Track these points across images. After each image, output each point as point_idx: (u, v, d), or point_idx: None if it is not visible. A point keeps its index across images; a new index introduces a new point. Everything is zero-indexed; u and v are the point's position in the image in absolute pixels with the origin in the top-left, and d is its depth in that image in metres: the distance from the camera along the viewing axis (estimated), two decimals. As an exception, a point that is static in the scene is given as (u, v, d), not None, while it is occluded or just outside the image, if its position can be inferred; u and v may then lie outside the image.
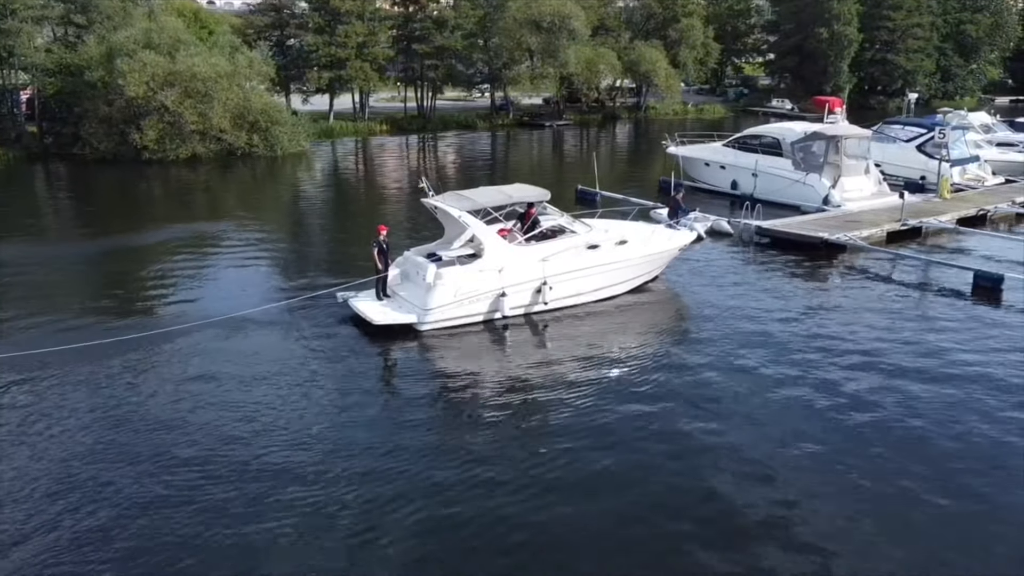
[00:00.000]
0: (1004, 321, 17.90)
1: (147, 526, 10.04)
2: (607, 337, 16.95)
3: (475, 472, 11.30)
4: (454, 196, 18.74)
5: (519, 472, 11.27)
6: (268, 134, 44.12)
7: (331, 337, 16.72)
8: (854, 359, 15.37)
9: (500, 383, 14.77)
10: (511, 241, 17.96)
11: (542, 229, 18.58)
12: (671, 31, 69.23)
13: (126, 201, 33.85)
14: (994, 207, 28.26)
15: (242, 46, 47.36)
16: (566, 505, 10.51)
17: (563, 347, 16.59)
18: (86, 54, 41.93)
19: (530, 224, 18.66)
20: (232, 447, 12.03)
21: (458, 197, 18.60)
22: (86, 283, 21.77)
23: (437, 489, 10.84)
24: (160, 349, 15.91)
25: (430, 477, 11.17)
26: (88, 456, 11.78)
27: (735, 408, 13.26)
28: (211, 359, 15.49)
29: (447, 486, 10.91)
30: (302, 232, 28.93)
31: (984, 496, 10.75)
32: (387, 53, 56.18)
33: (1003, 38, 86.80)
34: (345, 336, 16.81)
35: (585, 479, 11.14)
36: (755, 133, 32.30)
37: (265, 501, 10.56)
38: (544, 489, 10.85)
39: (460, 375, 15.33)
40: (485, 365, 15.83)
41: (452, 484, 10.97)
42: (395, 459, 11.65)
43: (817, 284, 21.32)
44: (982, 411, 13.14)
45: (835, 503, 10.54)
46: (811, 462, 11.59)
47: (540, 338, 17.25)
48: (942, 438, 12.26)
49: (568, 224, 18.99)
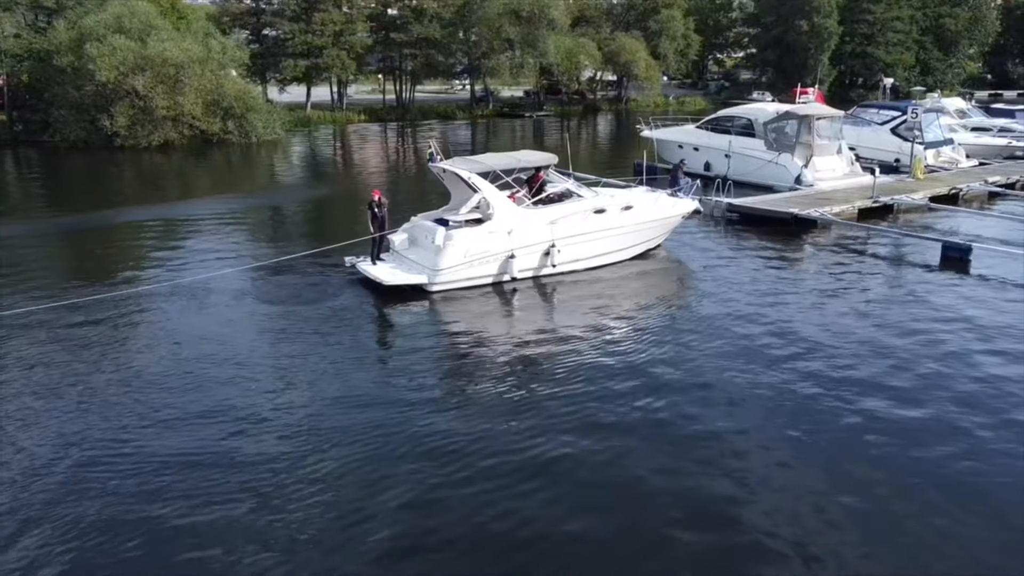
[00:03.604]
0: (972, 291, 17.78)
1: (143, 489, 9.48)
2: (613, 301, 16.87)
3: (478, 432, 10.84)
4: (463, 160, 18.99)
5: (521, 436, 10.78)
6: (243, 121, 43.71)
7: (339, 298, 16.72)
8: (825, 330, 15.07)
9: (508, 344, 14.46)
10: (519, 204, 18.07)
11: (549, 193, 18.73)
12: (651, 22, 69.29)
13: (97, 185, 33.38)
14: (966, 186, 28.26)
15: (216, 32, 46.82)
16: (567, 467, 10.05)
17: (571, 310, 16.60)
18: (55, 39, 41.38)
19: (538, 188, 18.84)
20: (235, 404, 11.63)
21: (467, 160, 18.84)
22: (65, 255, 21.67)
23: (436, 450, 10.39)
24: (153, 308, 15.93)
25: (432, 435, 10.74)
26: (80, 411, 11.42)
27: (717, 378, 12.82)
28: (214, 318, 15.35)
29: (446, 445, 10.48)
30: (287, 204, 29.15)
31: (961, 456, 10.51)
32: (364, 42, 55.83)
33: (982, 32, 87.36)
34: (355, 297, 16.80)
35: (588, 442, 10.65)
36: (729, 114, 32.16)
37: (259, 461, 10.02)
38: (544, 452, 10.36)
39: (469, 335, 15.03)
40: (493, 326, 15.63)
41: (452, 445, 10.52)
42: (399, 415, 11.30)
43: (787, 257, 21.14)
44: (946, 377, 12.91)
45: (796, 473, 10.26)
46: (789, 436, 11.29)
47: (548, 301, 17.24)
48: (905, 404, 12.02)
49: (575, 188, 19.20)
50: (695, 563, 8.30)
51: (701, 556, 8.39)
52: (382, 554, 8.35)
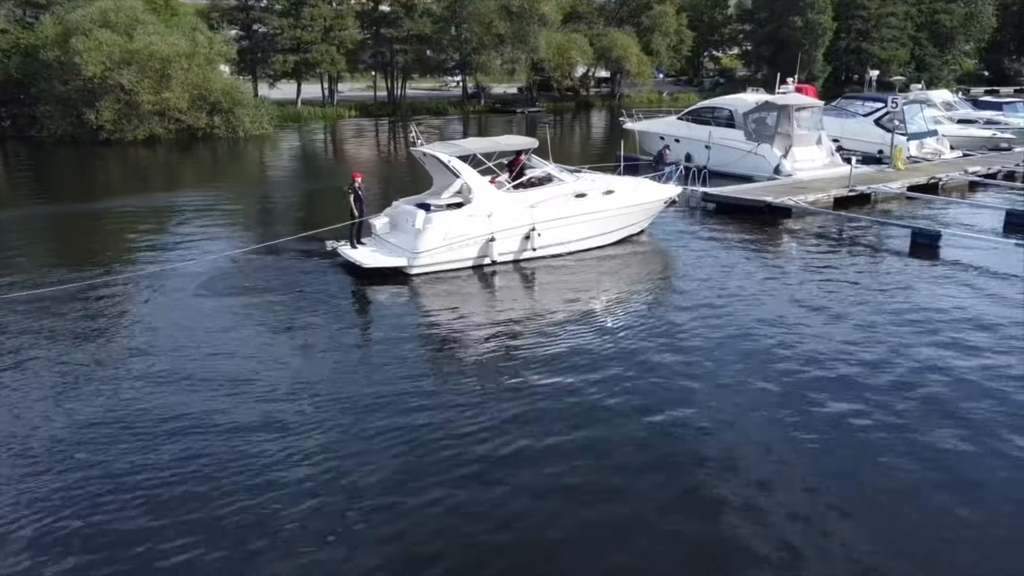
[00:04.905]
0: (940, 277, 17.69)
1: (130, 469, 9.33)
2: (592, 285, 16.86)
3: (454, 414, 10.70)
4: (443, 144, 19.12)
5: (500, 418, 10.60)
6: (230, 116, 43.72)
7: (320, 282, 16.75)
8: (795, 311, 15.03)
9: (486, 326, 14.39)
10: (500, 188, 18.09)
11: (530, 176, 18.71)
12: (644, 18, 69.19)
13: (83, 177, 33.59)
14: (947, 176, 28.14)
15: (203, 27, 46.80)
16: (542, 449, 9.87)
17: (549, 293, 16.52)
18: (42, 33, 41.40)
19: (518, 171, 18.85)
20: (214, 387, 11.51)
21: (447, 144, 18.97)
22: (44, 242, 21.77)
23: (409, 430, 10.24)
24: (132, 294, 16.02)
25: (409, 418, 10.58)
26: (68, 391, 11.44)
27: (695, 360, 12.69)
28: (192, 304, 15.30)
29: (426, 428, 10.33)
30: (273, 193, 29.47)
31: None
32: (354, 37, 55.83)
33: (978, 29, 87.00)
34: (334, 281, 16.83)
35: (563, 425, 10.47)
36: (709, 105, 32.10)
37: (238, 447, 9.80)
38: (522, 435, 10.17)
39: (446, 318, 15.00)
40: (471, 309, 15.51)
41: (430, 425, 10.40)
42: (376, 398, 11.14)
43: (760, 244, 21.00)
44: (915, 356, 12.84)
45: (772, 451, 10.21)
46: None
47: (528, 284, 17.23)
48: (869, 377, 11.98)
49: (556, 172, 19.17)
50: (681, 553, 8.04)
51: (684, 545, 8.14)
52: (355, 543, 8.05)
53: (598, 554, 7.91)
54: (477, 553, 7.95)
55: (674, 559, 7.91)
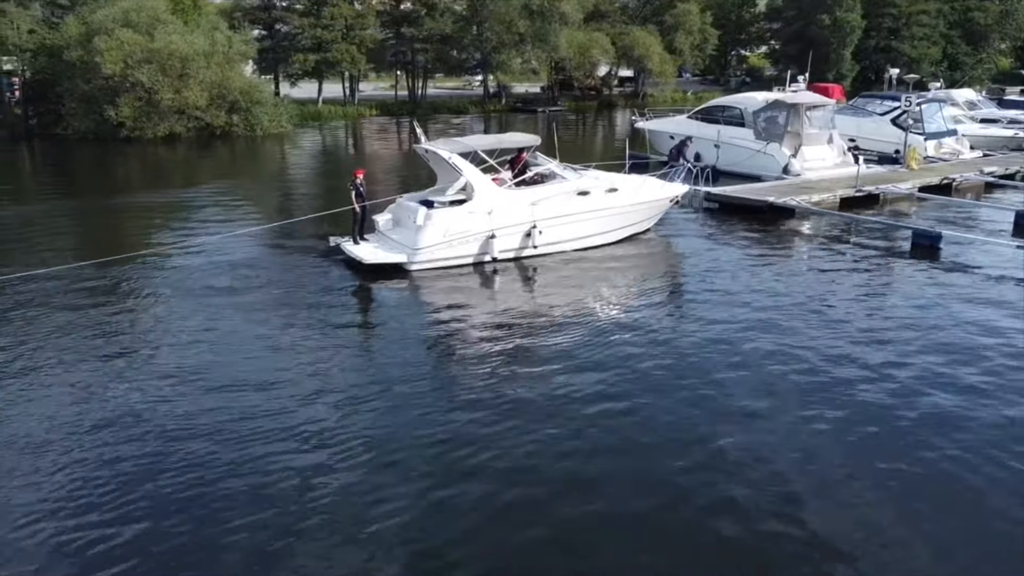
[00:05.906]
0: (939, 278, 17.33)
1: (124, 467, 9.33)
2: (592, 284, 16.76)
3: (454, 414, 10.68)
4: (446, 141, 19.15)
5: (499, 417, 10.56)
6: (248, 114, 44.17)
7: (319, 277, 16.90)
8: (793, 311, 14.79)
9: (486, 324, 14.42)
10: (501, 185, 18.08)
11: (532, 174, 18.66)
12: (667, 16, 68.65)
13: (104, 174, 34.25)
14: (961, 176, 27.52)
15: (223, 26, 47.30)
16: (542, 443, 9.89)
17: (549, 291, 16.43)
18: (66, 33, 42.18)
19: (520, 168, 18.79)
20: (214, 385, 11.53)
21: (449, 141, 19.02)
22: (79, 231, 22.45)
23: (409, 428, 10.25)
24: (136, 278, 16.56)
25: (409, 418, 10.56)
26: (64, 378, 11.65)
27: (695, 363, 12.53)
28: (193, 300, 15.39)
29: (426, 428, 10.31)
30: (283, 189, 30.07)
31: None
32: (374, 36, 56.10)
33: (1013, 27, 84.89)
34: (336, 276, 16.99)
35: (564, 420, 10.48)
36: (720, 104, 31.75)
37: (235, 446, 9.77)
38: (522, 435, 10.13)
39: (445, 314, 14.99)
40: (470, 306, 15.49)
41: (430, 420, 10.46)
42: (375, 397, 11.15)
43: (760, 245, 20.70)
44: (913, 358, 12.61)
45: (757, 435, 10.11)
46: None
47: (528, 282, 17.22)
48: (865, 381, 11.75)
49: (558, 170, 19.07)
50: (687, 555, 8.02)
51: (684, 545, 8.14)
52: (362, 541, 8.02)
53: (628, 554, 7.88)
54: (490, 553, 7.92)
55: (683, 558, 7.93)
